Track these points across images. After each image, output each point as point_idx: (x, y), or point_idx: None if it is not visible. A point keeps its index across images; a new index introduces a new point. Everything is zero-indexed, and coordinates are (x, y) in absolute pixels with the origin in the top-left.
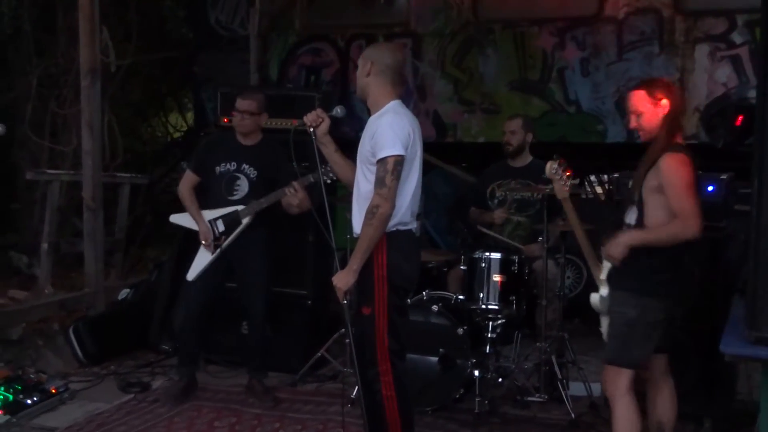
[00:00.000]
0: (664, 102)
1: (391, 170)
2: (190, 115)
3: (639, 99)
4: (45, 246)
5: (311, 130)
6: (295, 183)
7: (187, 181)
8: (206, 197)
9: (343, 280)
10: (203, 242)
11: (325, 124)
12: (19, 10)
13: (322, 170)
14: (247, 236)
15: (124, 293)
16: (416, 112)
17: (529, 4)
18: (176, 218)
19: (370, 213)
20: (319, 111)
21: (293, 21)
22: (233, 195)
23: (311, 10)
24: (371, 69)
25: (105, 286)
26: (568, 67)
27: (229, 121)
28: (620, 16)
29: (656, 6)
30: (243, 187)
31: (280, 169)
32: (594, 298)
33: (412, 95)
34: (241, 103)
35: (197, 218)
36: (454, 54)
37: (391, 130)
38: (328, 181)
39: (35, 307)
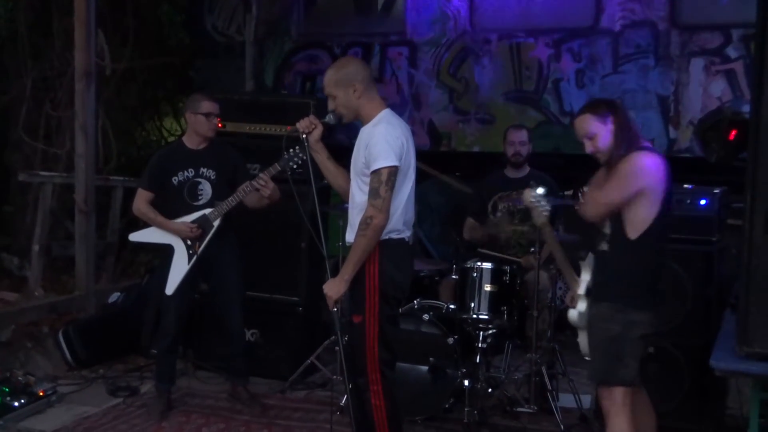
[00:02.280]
0: (611, 118)
1: (385, 181)
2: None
3: (587, 122)
4: (36, 248)
5: (304, 136)
6: (262, 174)
7: (142, 198)
8: (166, 210)
9: (333, 288)
10: (189, 235)
11: (318, 131)
12: (14, 13)
13: (287, 156)
14: (217, 241)
15: (114, 297)
16: (411, 121)
17: (525, 15)
18: (137, 236)
19: (364, 224)
20: (312, 117)
21: (290, 28)
22: (198, 200)
23: (308, 17)
24: (358, 90)
25: (96, 289)
26: (563, 79)
27: (224, 126)
28: (616, 29)
29: (652, 19)
30: (206, 190)
31: (237, 168)
32: (572, 314)
33: (408, 104)
34: (211, 106)
35: (167, 224)
36: (450, 63)
37: (385, 141)
38: (295, 167)
39: (25, 310)
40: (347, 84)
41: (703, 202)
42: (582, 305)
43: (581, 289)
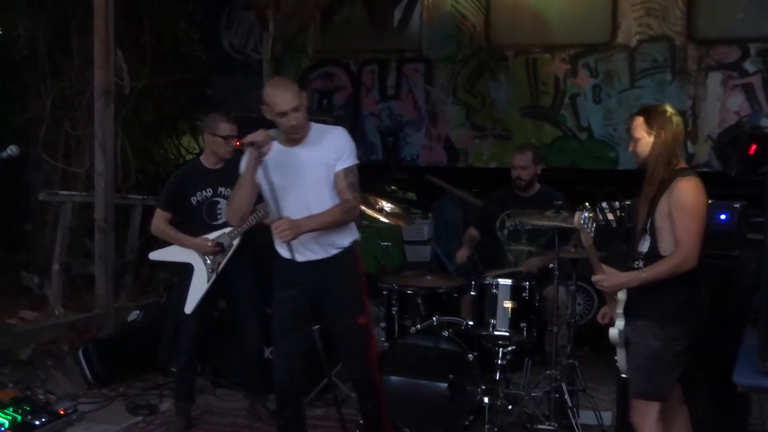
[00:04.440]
0: (660, 131)
1: (357, 176)
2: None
3: (637, 125)
4: (56, 267)
5: (260, 149)
6: None
7: (160, 218)
8: (185, 230)
9: (292, 224)
10: (209, 251)
11: (269, 146)
12: (34, 32)
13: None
14: (237, 260)
15: (134, 315)
16: (428, 137)
17: (541, 31)
18: (157, 255)
19: (347, 203)
20: (266, 132)
21: (306, 45)
22: (217, 219)
23: (324, 35)
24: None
25: (115, 307)
26: (580, 94)
27: (241, 144)
28: (633, 44)
29: (669, 34)
30: (224, 209)
31: None
32: (613, 332)
33: (424, 120)
34: (230, 128)
35: (187, 240)
36: (466, 79)
37: (351, 141)
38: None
39: (45, 328)
40: (300, 101)
41: (723, 216)
42: (621, 323)
43: (619, 308)
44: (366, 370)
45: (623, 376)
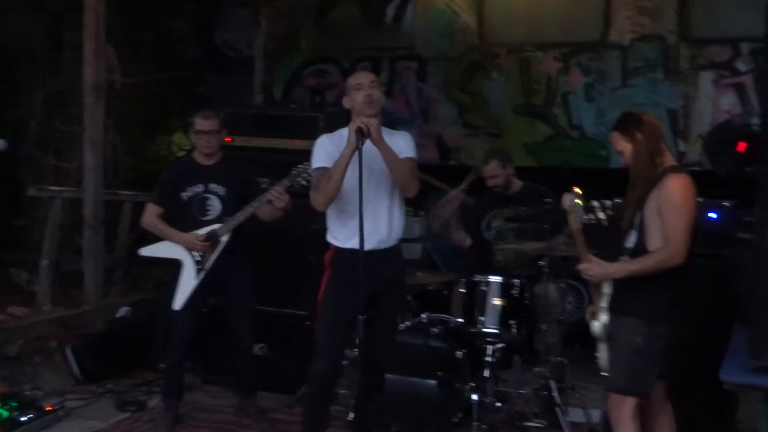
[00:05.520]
0: (635, 134)
1: None
2: None
3: (616, 140)
4: (45, 263)
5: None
6: (276, 187)
7: (152, 212)
8: (175, 226)
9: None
10: (197, 246)
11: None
12: (28, 28)
13: (295, 171)
14: (228, 257)
15: (123, 311)
16: (420, 135)
17: (534, 29)
18: (147, 250)
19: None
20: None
21: (299, 42)
22: (207, 215)
23: (317, 32)
24: None
25: (105, 303)
26: (572, 92)
27: (233, 140)
28: (625, 42)
29: (661, 33)
30: (215, 206)
31: (248, 183)
32: (596, 326)
33: (417, 118)
34: (205, 123)
35: (176, 235)
36: (459, 77)
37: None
38: (304, 183)
39: (34, 324)
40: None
41: (713, 215)
42: (604, 317)
43: (603, 302)
44: (387, 363)
45: (603, 374)
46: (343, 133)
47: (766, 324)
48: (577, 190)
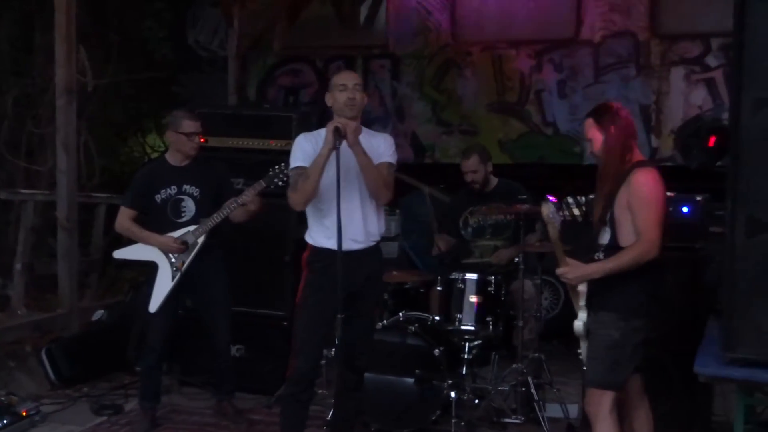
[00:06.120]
0: (609, 127)
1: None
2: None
3: (589, 127)
4: (18, 266)
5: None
6: (248, 191)
7: (125, 215)
8: (150, 228)
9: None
10: (173, 249)
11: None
12: None
13: (272, 172)
14: (203, 258)
15: (98, 314)
16: (395, 133)
17: (506, 27)
18: (121, 253)
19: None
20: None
21: (272, 42)
22: (181, 217)
23: (290, 31)
24: None
25: (80, 307)
26: (545, 89)
27: (207, 140)
28: (597, 40)
29: (632, 30)
30: (189, 207)
31: (222, 184)
32: (577, 324)
33: (391, 116)
34: (193, 125)
35: (151, 238)
36: (433, 76)
37: None
38: (281, 184)
39: (8, 329)
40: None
41: (685, 209)
42: (584, 315)
43: (582, 300)
44: (367, 361)
45: (585, 369)
46: (321, 132)
47: (737, 316)
48: (552, 199)
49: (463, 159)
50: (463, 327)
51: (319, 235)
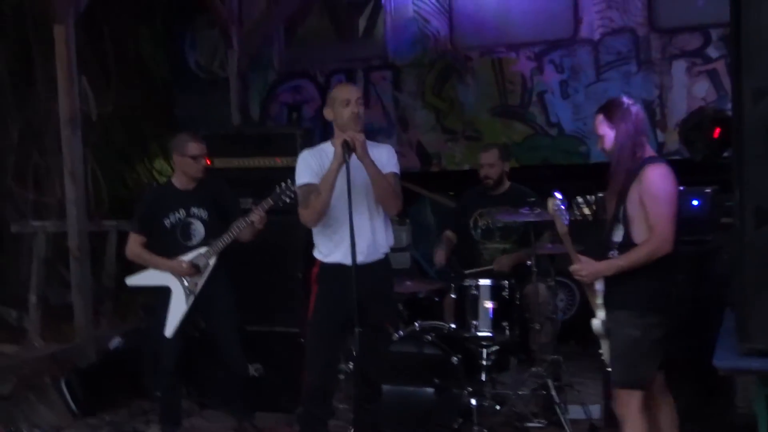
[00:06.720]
0: (620, 123)
1: None
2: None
3: (599, 123)
4: (33, 298)
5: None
6: (256, 210)
7: (135, 242)
8: (160, 252)
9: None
10: (184, 273)
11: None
12: None
13: (278, 190)
14: (213, 280)
15: (115, 342)
16: (399, 143)
17: (504, 30)
18: (134, 280)
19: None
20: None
21: (272, 59)
22: (191, 240)
23: (289, 48)
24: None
25: (96, 335)
26: (547, 91)
27: (212, 162)
28: (596, 37)
29: (631, 25)
30: (198, 230)
31: (229, 205)
32: (595, 323)
33: (394, 127)
34: (198, 147)
35: (162, 263)
36: (434, 84)
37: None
38: (288, 201)
39: (26, 361)
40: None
41: (695, 202)
42: (602, 314)
43: (599, 299)
44: (380, 373)
45: (609, 369)
46: (324, 148)
47: (751, 307)
48: (558, 194)
49: (483, 152)
50: (479, 333)
51: (328, 249)
